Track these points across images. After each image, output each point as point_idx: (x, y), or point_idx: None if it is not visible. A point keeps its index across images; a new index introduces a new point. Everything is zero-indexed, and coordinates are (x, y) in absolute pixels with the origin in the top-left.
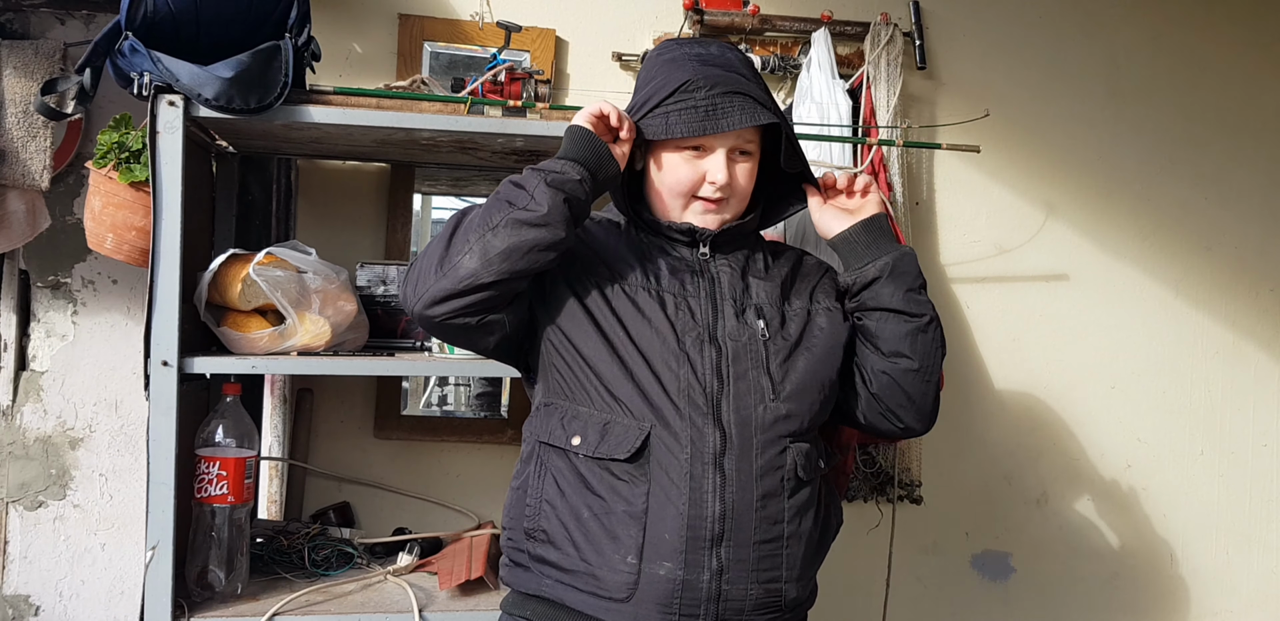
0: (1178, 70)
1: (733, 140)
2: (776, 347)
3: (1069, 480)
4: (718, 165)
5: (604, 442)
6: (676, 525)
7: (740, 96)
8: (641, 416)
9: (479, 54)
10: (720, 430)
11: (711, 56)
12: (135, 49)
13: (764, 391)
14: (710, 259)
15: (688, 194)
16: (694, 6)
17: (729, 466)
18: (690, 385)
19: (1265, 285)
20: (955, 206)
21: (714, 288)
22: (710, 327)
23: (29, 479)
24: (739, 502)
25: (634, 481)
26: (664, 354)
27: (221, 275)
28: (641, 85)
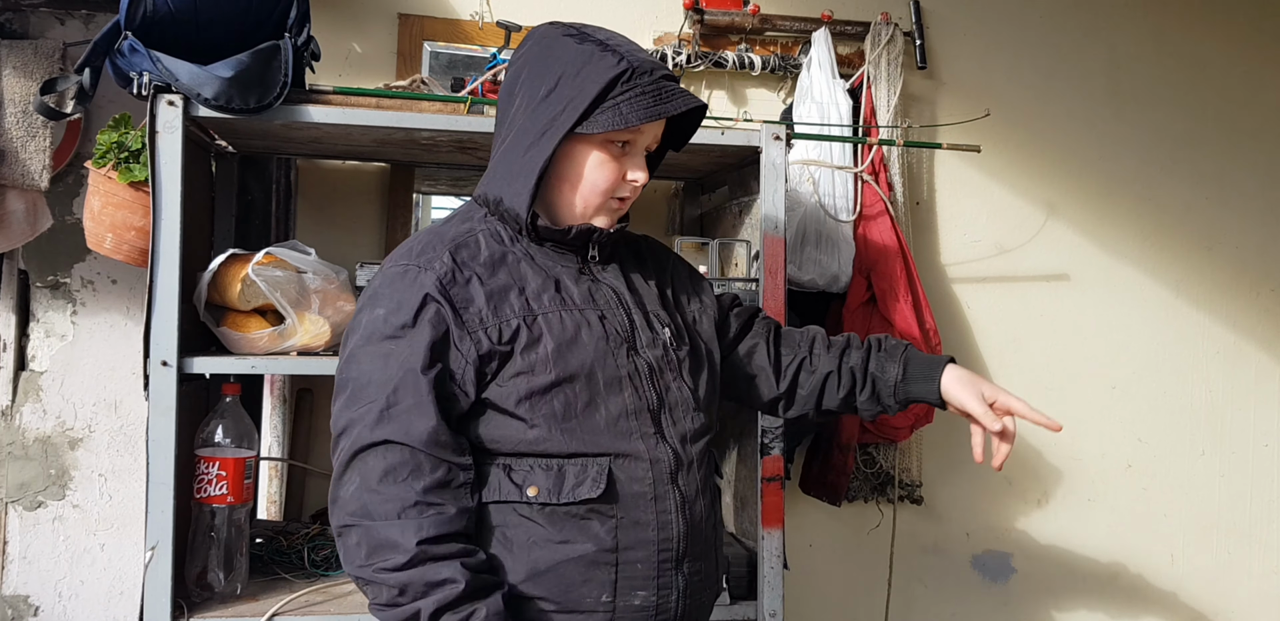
0: (1178, 70)
1: (651, 138)
2: (683, 354)
3: (1070, 480)
4: (640, 163)
5: (565, 487)
6: (647, 552)
7: (672, 81)
8: (596, 451)
9: (479, 54)
10: (669, 447)
11: (629, 44)
12: (134, 49)
13: (688, 403)
14: (599, 264)
15: (610, 192)
16: (694, 6)
17: (683, 483)
18: (636, 405)
19: (1266, 285)
20: (956, 206)
21: (618, 296)
22: (632, 341)
23: (28, 479)
24: (694, 517)
25: (600, 518)
26: (607, 377)
27: (221, 275)
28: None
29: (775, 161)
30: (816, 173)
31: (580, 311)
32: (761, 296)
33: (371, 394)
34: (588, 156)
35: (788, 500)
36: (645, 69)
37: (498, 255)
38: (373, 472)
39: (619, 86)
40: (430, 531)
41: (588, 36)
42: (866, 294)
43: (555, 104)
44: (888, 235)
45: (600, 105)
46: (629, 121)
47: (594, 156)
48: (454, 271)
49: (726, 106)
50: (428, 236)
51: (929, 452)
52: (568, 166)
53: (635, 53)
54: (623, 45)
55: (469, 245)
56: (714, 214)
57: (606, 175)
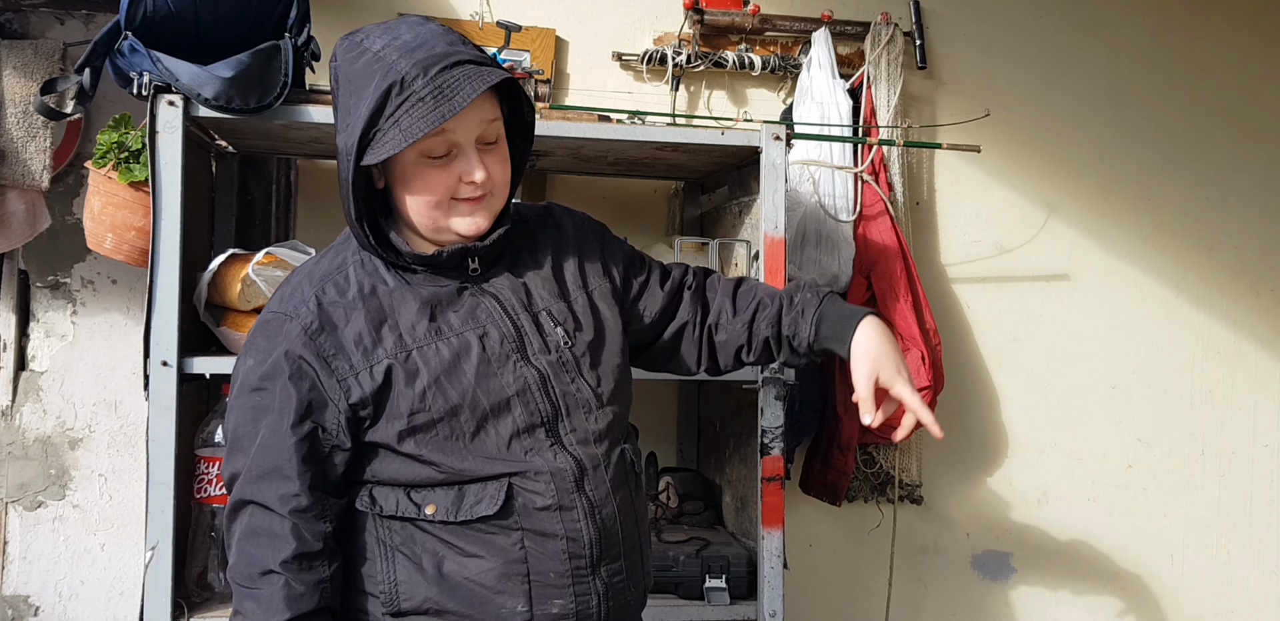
0: (1178, 70)
1: (476, 127)
2: (581, 349)
3: (1069, 480)
4: (473, 162)
5: (463, 504)
6: (558, 562)
7: (460, 67)
8: (496, 471)
9: None
10: (570, 455)
11: (409, 42)
12: (135, 49)
13: (589, 403)
14: (483, 274)
15: (445, 201)
16: (694, 6)
17: (590, 488)
18: (528, 422)
19: (1266, 285)
20: (956, 206)
21: (502, 305)
22: (521, 351)
23: (28, 479)
24: (607, 520)
25: (505, 531)
26: (492, 402)
27: (221, 275)
28: (348, 102)
29: (775, 161)
30: (816, 173)
31: (458, 336)
32: None
33: (244, 448)
34: (407, 173)
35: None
36: (417, 71)
37: (368, 289)
38: (239, 531)
39: (390, 102)
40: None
41: (365, 47)
42: (866, 294)
43: (345, 135)
44: (888, 235)
45: (376, 127)
46: (410, 136)
47: (415, 172)
48: (318, 318)
49: (726, 106)
50: (298, 276)
51: (929, 453)
52: (397, 187)
53: (412, 52)
54: (400, 46)
55: (337, 282)
56: (714, 214)
57: (432, 187)
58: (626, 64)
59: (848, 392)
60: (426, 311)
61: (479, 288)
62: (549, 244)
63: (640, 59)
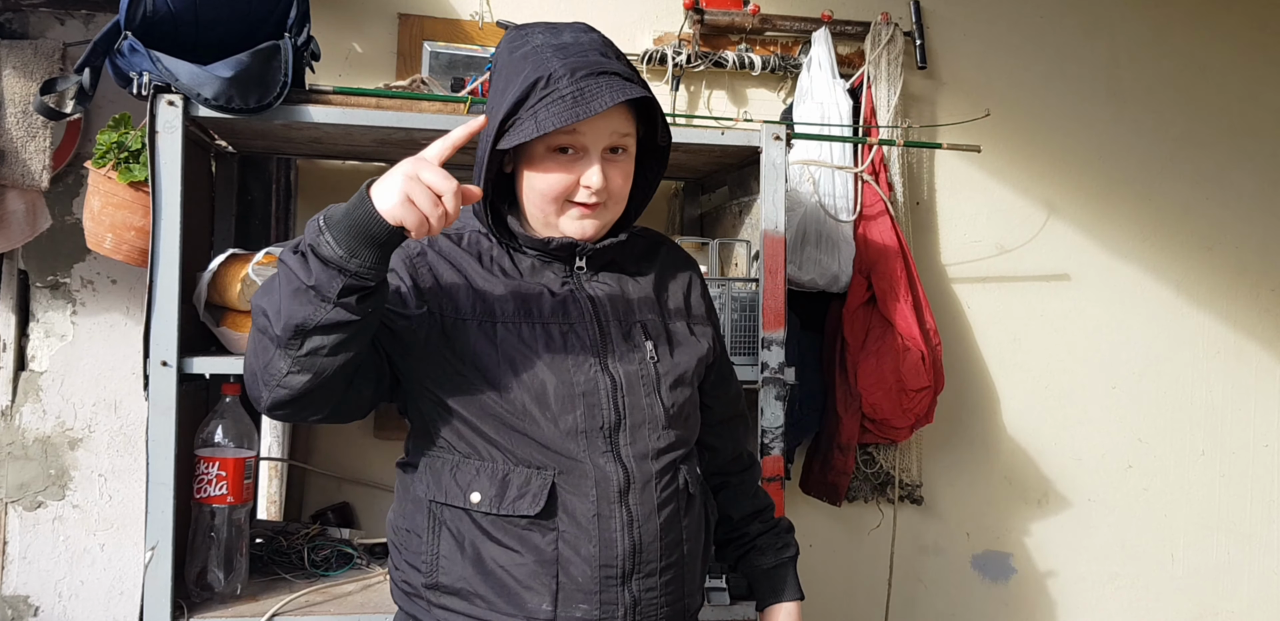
0: (1178, 70)
1: (606, 137)
2: (665, 368)
3: (1070, 480)
4: (593, 168)
5: (506, 497)
6: (589, 568)
7: (606, 76)
8: (541, 464)
9: (479, 54)
10: (621, 466)
11: (567, 44)
12: (134, 48)
13: (657, 420)
14: (587, 274)
15: (561, 199)
16: (694, 6)
17: (633, 502)
18: (589, 425)
19: (1266, 285)
20: (956, 206)
21: (596, 308)
22: (601, 357)
23: (28, 479)
24: (645, 535)
25: (541, 530)
26: (558, 394)
27: (221, 275)
28: (500, 86)
29: (775, 161)
30: (816, 173)
31: (542, 325)
32: (761, 296)
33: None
34: (534, 166)
35: (788, 500)
36: (565, 72)
37: (475, 252)
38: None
39: (534, 95)
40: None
41: (527, 40)
42: (867, 294)
43: (492, 119)
44: (888, 235)
45: (516, 116)
46: (543, 128)
47: (541, 163)
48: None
49: (726, 106)
50: None
51: (929, 453)
52: (522, 175)
53: (566, 53)
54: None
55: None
56: (714, 214)
57: (551, 183)
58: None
59: (847, 392)
60: (521, 292)
61: (580, 286)
62: (664, 269)
63: (640, 59)
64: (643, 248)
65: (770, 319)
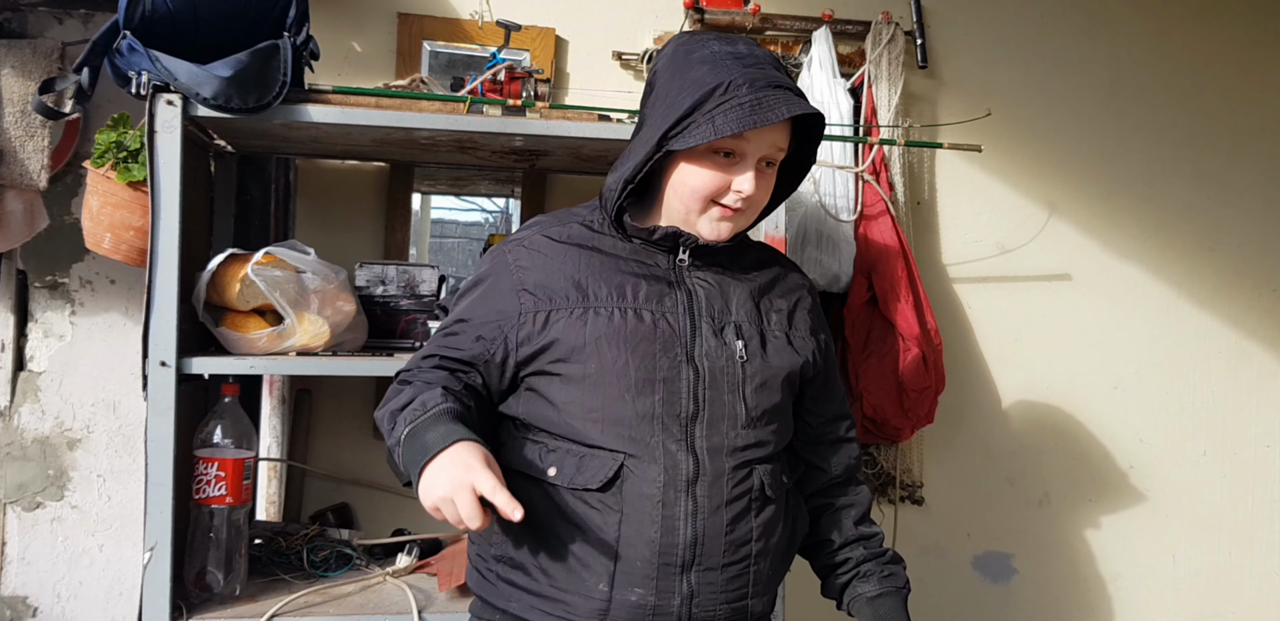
0: (1179, 70)
1: (766, 148)
2: (753, 370)
3: (1071, 481)
4: (748, 174)
5: (579, 474)
6: (648, 552)
7: (781, 90)
8: (617, 446)
9: (478, 53)
10: (693, 456)
11: (744, 54)
12: (133, 48)
13: (737, 417)
14: (690, 268)
15: (709, 198)
16: (694, 5)
17: (700, 493)
18: (665, 411)
19: (1268, 285)
20: (957, 206)
21: (692, 302)
22: (688, 347)
23: (27, 480)
24: (709, 528)
25: (606, 510)
26: (639, 378)
27: (220, 275)
28: (672, 87)
29: None
30: (817, 172)
31: (634, 311)
32: None
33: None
34: (693, 162)
35: None
36: (745, 81)
37: (578, 242)
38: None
39: (712, 100)
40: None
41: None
42: (867, 294)
43: (661, 116)
44: (888, 235)
45: (691, 118)
46: (720, 132)
47: (697, 163)
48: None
49: None
50: (533, 221)
51: (930, 453)
52: (675, 176)
53: (744, 64)
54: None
55: (558, 231)
56: None
57: (706, 181)
58: (627, 63)
59: (848, 393)
60: (619, 279)
61: (680, 279)
62: (773, 282)
63: (640, 58)
64: (756, 258)
65: None
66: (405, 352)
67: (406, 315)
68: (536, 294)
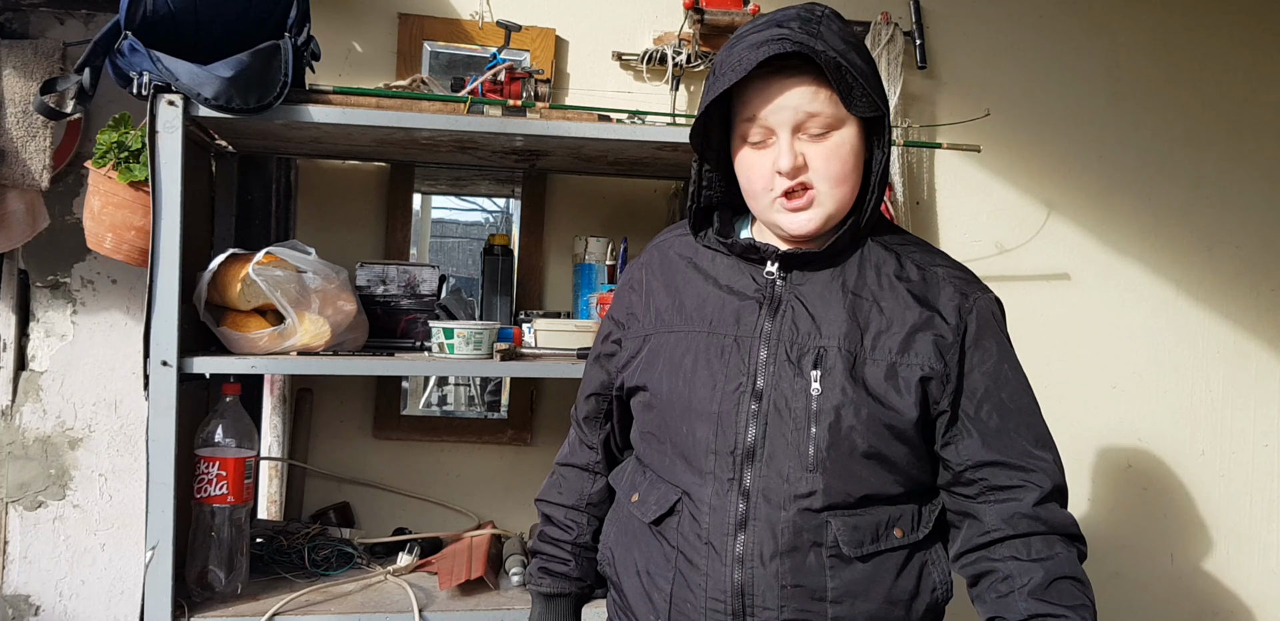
0: (1178, 70)
1: (790, 115)
2: (830, 405)
3: (1069, 480)
4: (782, 149)
5: (648, 504)
6: (697, 596)
7: (772, 43)
8: (678, 480)
9: (479, 53)
10: (745, 498)
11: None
12: (134, 48)
13: (802, 457)
14: (786, 282)
15: (766, 190)
16: (694, 6)
17: (749, 539)
18: (719, 447)
19: (1266, 284)
20: (956, 206)
21: (774, 323)
22: (754, 376)
23: (28, 479)
24: (758, 578)
25: (665, 545)
26: (700, 409)
27: (221, 275)
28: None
29: None
30: None
31: (709, 333)
32: None
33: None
34: (739, 161)
35: None
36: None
37: (675, 262)
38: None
39: (713, 76)
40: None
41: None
42: None
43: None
44: None
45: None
46: (705, 100)
47: (741, 159)
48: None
49: None
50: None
51: None
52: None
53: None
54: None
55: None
56: None
57: (750, 173)
58: (626, 64)
59: None
60: (704, 297)
61: (772, 295)
62: (893, 295)
63: (640, 58)
64: (883, 260)
65: None
66: (406, 352)
67: (407, 315)
68: (639, 317)
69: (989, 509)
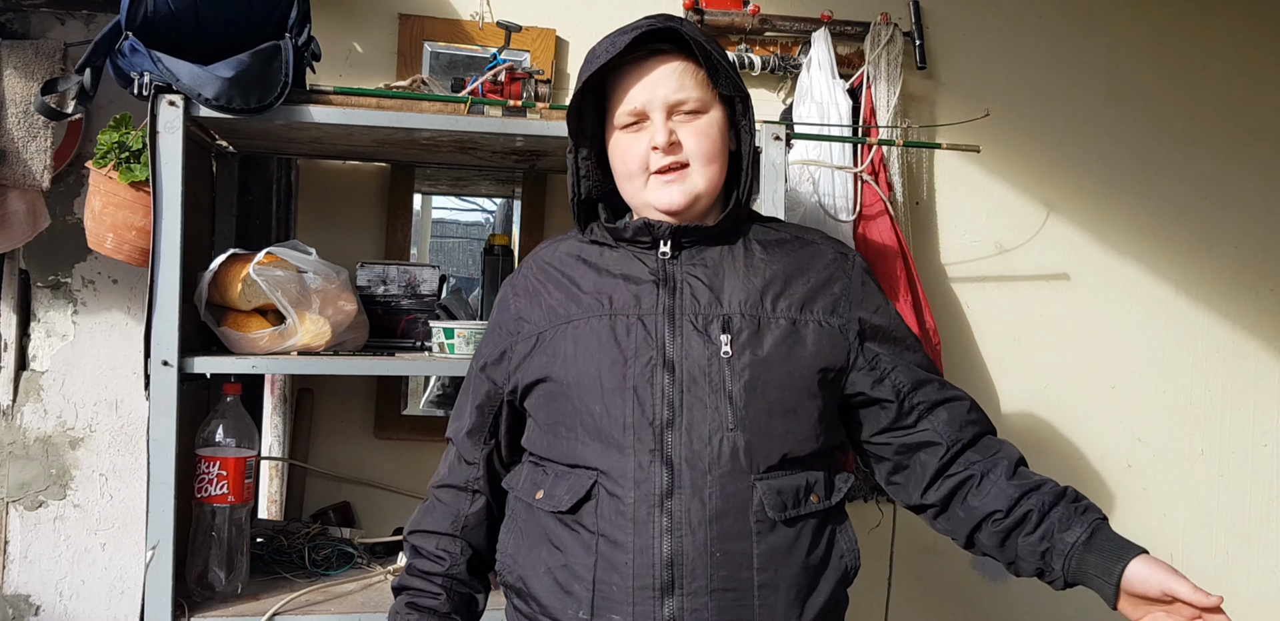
0: (1178, 70)
1: (663, 95)
2: (742, 365)
3: (1069, 480)
4: (656, 127)
5: (556, 495)
6: (623, 575)
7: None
8: (592, 463)
9: (479, 54)
10: (668, 468)
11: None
12: (135, 49)
13: (722, 419)
14: (676, 260)
15: (642, 170)
16: (694, 6)
17: (677, 507)
18: (636, 420)
19: (1265, 284)
20: (955, 206)
21: (674, 299)
22: (664, 349)
23: (29, 479)
24: (689, 546)
25: (584, 532)
26: (610, 388)
27: (222, 275)
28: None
29: (775, 161)
30: (816, 173)
31: (610, 317)
32: None
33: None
34: (613, 144)
35: None
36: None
37: (564, 259)
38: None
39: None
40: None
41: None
42: None
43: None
44: (887, 235)
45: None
46: (582, 76)
47: (615, 143)
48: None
49: None
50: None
51: None
52: (612, 166)
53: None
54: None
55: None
56: None
57: (626, 157)
58: None
59: None
60: (601, 286)
61: (665, 276)
62: (783, 262)
63: None
64: (769, 237)
65: None
66: (406, 352)
67: (407, 315)
68: (529, 319)
69: (936, 423)
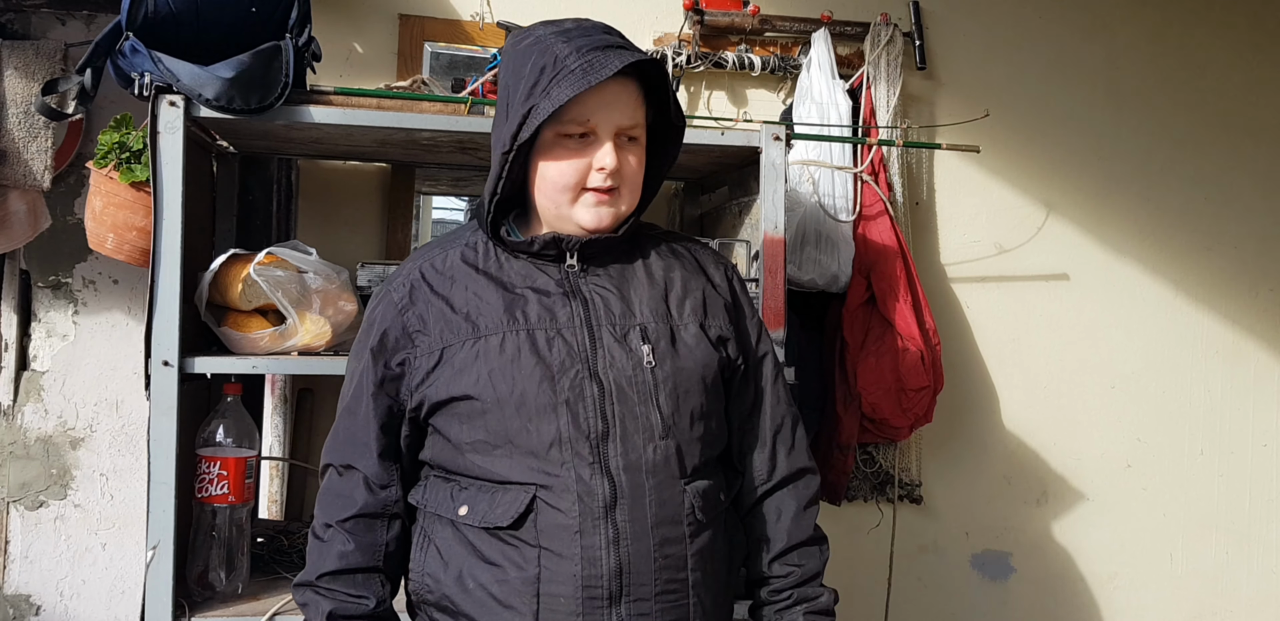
0: (1177, 70)
1: (617, 118)
2: (665, 374)
3: (1069, 480)
4: (606, 149)
5: (491, 511)
6: (571, 587)
7: (613, 49)
8: (527, 478)
9: (479, 54)
10: (609, 479)
11: (570, 29)
12: (136, 49)
13: (653, 428)
14: (583, 274)
15: (577, 186)
16: (694, 7)
17: (620, 518)
18: (571, 435)
19: (1265, 284)
20: (955, 206)
21: (589, 311)
22: (589, 361)
23: (30, 478)
24: (635, 555)
25: (524, 547)
26: (539, 404)
27: (222, 275)
28: (509, 82)
29: (775, 162)
30: (816, 173)
31: (527, 332)
32: (761, 296)
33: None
34: (547, 155)
35: None
36: (569, 52)
37: (462, 271)
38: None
39: (544, 78)
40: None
41: (530, 33)
42: (866, 294)
43: (504, 114)
44: (887, 235)
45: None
46: (555, 102)
47: (551, 154)
48: (409, 295)
49: (726, 107)
50: (414, 253)
51: (928, 452)
52: (538, 177)
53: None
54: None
55: (437, 263)
56: (714, 214)
57: (564, 169)
58: None
59: (847, 392)
60: (508, 301)
61: (574, 288)
62: (679, 269)
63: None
64: (660, 249)
65: (770, 319)
66: None
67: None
68: (427, 332)
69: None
